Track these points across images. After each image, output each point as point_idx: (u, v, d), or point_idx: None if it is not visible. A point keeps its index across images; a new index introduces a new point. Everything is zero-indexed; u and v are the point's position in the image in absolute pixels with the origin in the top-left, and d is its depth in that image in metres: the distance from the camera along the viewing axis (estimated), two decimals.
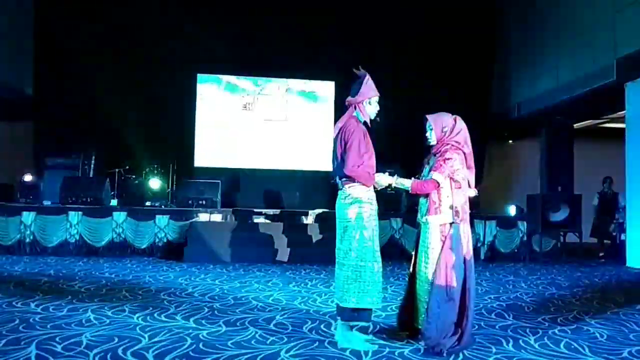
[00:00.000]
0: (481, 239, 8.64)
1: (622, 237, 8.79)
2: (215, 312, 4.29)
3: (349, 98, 3.56)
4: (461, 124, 3.49)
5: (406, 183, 3.46)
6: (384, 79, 4.44)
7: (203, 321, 3.96)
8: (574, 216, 8.48)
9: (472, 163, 3.51)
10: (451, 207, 3.36)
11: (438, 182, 3.35)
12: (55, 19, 10.53)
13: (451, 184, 3.37)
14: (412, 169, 3.87)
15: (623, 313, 4.60)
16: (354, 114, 3.52)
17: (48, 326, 3.69)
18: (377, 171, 3.54)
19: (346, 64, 4.14)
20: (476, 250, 8.50)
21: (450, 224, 3.35)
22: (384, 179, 3.48)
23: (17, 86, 10.15)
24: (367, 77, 3.54)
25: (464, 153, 3.45)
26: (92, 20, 10.55)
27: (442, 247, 3.33)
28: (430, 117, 3.51)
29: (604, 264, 8.35)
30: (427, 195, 3.42)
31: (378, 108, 3.59)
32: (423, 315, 3.36)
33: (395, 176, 3.51)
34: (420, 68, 11.26)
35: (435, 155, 3.49)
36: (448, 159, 3.37)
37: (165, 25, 10.75)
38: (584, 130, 11.40)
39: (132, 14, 10.71)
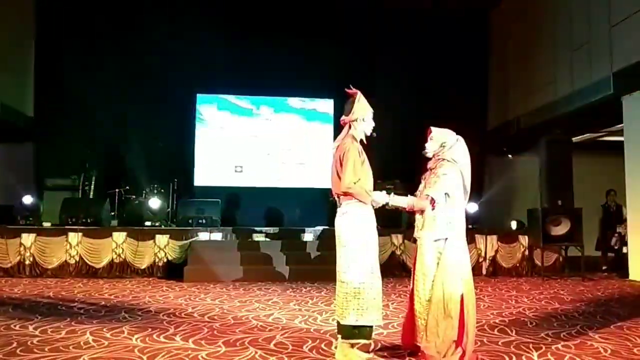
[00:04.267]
0: (483, 254, 8.60)
1: (625, 250, 8.74)
2: (215, 332, 4.25)
3: (343, 117, 3.59)
4: (462, 146, 3.49)
5: (402, 201, 3.45)
6: (382, 96, 4.47)
7: (202, 342, 3.92)
8: (575, 230, 8.45)
9: (468, 185, 3.50)
10: (446, 223, 3.34)
11: (433, 199, 3.34)
12: (56, 41, 10.64)
13: (446, 199, 3.36)
14: (411, 185, 3.87)
15: (627, 327, 4.56)
16: (350, 132, 3.54)
17: (46, 349, 3.66)
18: (376, 187, 3.54)
19: (345, 82, 4.17)
20: (478, 265, 8.47)
21: (446, 239, 3.33)
22: (381, 197, 3.47)
23: (18, 108, 10.20)
24: (359, 95, 3.57)
25: (460, 171, 3.44)
26: (93, 42, 10.66)
27: (438, 263, 3.31)
28: (433, 130, 3.54)
29: (606, 278, 8.29)
30: (422, 211, 3.41)
31: (373, 124, 3.61)
32: (422, 333, 3.33)
33: (392, 194, 3.50)
34: (417, 84, 11.33)
35: (431, 170, 3.49)
36: (443, 174, 3.37)
37: (164, 46, 10.84)
38: (582, 144, 11.41)
39: (132, 36, 10.83)
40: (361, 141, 3.54)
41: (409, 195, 3.48)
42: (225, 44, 11.14)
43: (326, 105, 11.92)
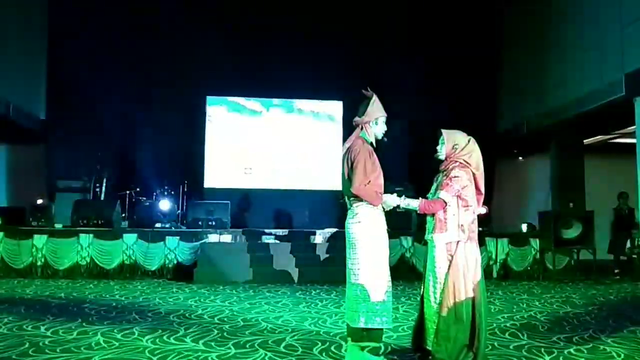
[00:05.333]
0: (493, 257, 8.54)
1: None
2: (225, 334, 4.26)
3: (356, 118, 3.57)
4: (474, 146, 3.46)
5: (414, 203, 3.42)
6: (390, 98, 4.44)
7: (212, 343, 3.93)
8: (586, 233, 8.38)
9: (481, 186, 3.48)
10: (457, 225, 3.31)
11: (445, 201, 3.32)
12: (67, 43, 10.73)
13: (458, 202, 3.34)
14: (420, 187, 3.85)
15: None
16: (361, 134, 3.53)
17: (58, 350, 3.69)
18: (386, 190, 3.53)
19: (354, 84, 4.16)
20: (489, 268, 8.41)
21: (457, 242, 3.30)
22: (392, 200, 3.46)
23: (30, 110, 10.29)
24: (375, 97, 3.55)
25: (473, 173, 3.42)
26: (103, 44, 10.75)
27: (449, 266, 3.28)
28: (444, 132, 3.50)
29: (619, 281, 8.20)
30: (434, 214, 3.39)
31: (385, 128, 3.59)
32: (432, 336, 3.31)
33: (403, 196, 3.48)
34: (427, 86, 11.30)
35: (442, 172, 3.47)
36: (455, 176, 3.34)
37: (174, 48, 10.92)
38: (594, 146, 11.31)
39: (142, 38, 10.90)
40: (371, 144, 3.53)
41: (420, 198, 3.47)
42: (235, 46, 11.18)
43: (335, 107, 11.91)
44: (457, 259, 3.27)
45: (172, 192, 10.05)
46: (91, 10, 10.80)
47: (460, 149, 3.42)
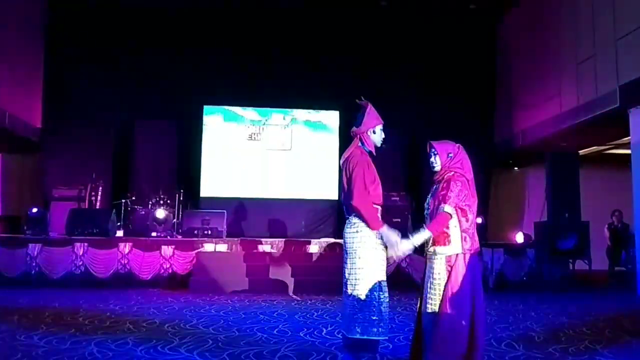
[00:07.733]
0: (489, 267, 8.54)
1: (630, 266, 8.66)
2: (220, 344, 4.23)
3: (354, 128, 3.58)
4: (463, 153, 3.48)
5: (425, 234, 3.31)
6: (387, 109, 4.46)
7: (207, 354, 3.90)
8: (582, 243, 8.39)
9: (474, 191, 3.48)
10: (460, 237, 3.29)
11: (450, 214, 3.29)
12: (64, 53, 10.75)
13: (458, 212, 3.33)
14: (416, 196, 3.85)
15: (635, 342, 4.50)
16: (359, 144, 3.53)
17: (51, 359, 3.65)
18: (383, 198, 3.53)
19: (350, 94, 4.17)
20: (484, 279, 8.40)
21: (456, 254, 3.28)
22: (407, 246, 3.33)
23: (26, 119, 10.27)
24: (370, 106, 3.56)
25: (467, 180, 3.42)
26: (100, 54, 10.77)
27: (448, 277, 3.26)
28: (435, 143, 3.50)
29: (614, 292, 8.20)
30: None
31: (383, 136, 3.60)
32: (430, 348, 3.28)
33: (411, 236, 3.33)
34: (423, 97, 11.35)
35: (438, 182, 3.46)
36: (453, 187, 3.34)
37: (171, 57, 10.95)
38: (589, 157, 11.36)
39: (138, 47, 10.94)
40: (370, 153, 3.54)
41: (423, 225, 3.39)
42: (232, 56, 11.23)
43: (332, 117, 11.93)
44: (456, 270, 3.25)
45: (168, 201, 10.02)
46: (88, 19, 10.83)
47: (454, 157, 3.43)
